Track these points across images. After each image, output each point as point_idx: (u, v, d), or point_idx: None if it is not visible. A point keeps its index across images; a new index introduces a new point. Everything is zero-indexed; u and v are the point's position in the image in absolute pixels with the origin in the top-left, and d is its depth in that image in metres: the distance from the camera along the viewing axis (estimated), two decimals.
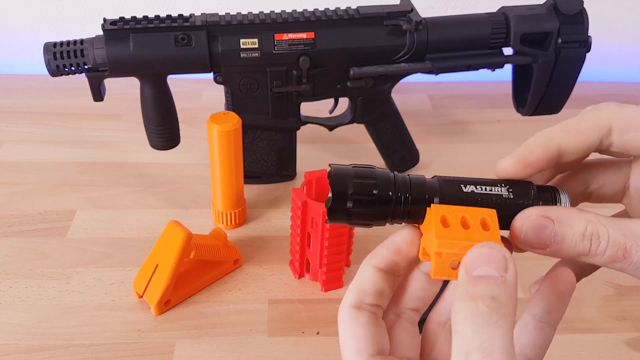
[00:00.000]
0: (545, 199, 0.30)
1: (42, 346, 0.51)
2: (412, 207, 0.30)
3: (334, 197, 0.29)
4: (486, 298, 0.24)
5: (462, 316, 0.25)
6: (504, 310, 0.24)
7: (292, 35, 0.60)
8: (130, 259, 0.59)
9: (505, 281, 0.25)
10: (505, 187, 0.30)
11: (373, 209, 0.30)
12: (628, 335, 0.54)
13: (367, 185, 0.29)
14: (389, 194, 0.29)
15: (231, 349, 0.51)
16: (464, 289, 0.25)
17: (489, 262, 0.25)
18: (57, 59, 0.58)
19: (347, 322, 0.30)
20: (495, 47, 0.64)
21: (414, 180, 0.30)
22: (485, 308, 0.24)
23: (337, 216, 0.30)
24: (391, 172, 0.30)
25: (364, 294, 0.30)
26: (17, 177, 0.70)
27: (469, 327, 0.24)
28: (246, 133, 0.65)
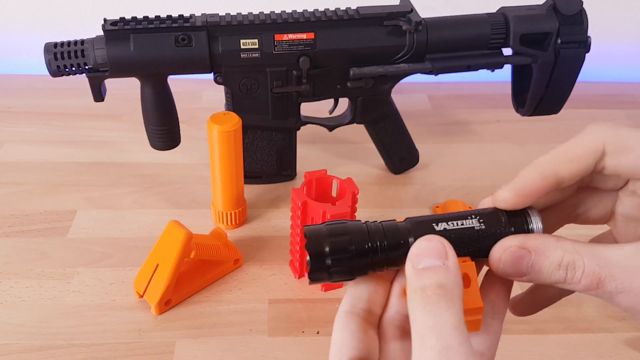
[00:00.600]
0: (516, 223, 0.30)
1: (42, 346, 0.51)
2: (390, 254, 0.30)
3: (312, 259, 0.30)
4: (433, 286, 0.27)
5: (415, 305, 0.27)
6: (450, 294, 0.27)
7: (292, 36, 0.60)
8: (130, 258, 0.59)
9: (447, 268, 0.27)
10: (475, 218, 0.30)
11: (352, 263, 0.30)
12: (627, 335, 0.54)
13: (343, 242, 0.30)
14: (365, 247, 0.30)
15: (231, 348, 0.51)
16: (413, 282, 0.27)
17: (431, 253, 0.28)
18: (57, 60, 0.58)
19: (338, 327, 0.31)
20: (494, 48, 0.64)
21: (387, 228, 0.31)
22: (434, 295, 0.26)
23: (318, 276, 0.30)
24: (364, 223, 0.31)
25: (358, 299, 0.31)
26: (18, 177, 0.71)
27: (422, 313, 0.26)
28: (246, 133, 0.65)
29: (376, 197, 0.70)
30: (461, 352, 0.25)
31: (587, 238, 0.33)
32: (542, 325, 0.54)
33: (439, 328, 0.26)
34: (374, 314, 0.32)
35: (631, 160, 0.29)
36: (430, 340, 0.26)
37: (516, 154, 0.78)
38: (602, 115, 0.88)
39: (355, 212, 0.55)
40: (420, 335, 0.26)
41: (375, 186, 0.72)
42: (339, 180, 0.56)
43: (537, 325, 0.54)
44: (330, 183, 0.57)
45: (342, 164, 0.75)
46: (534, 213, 0.31)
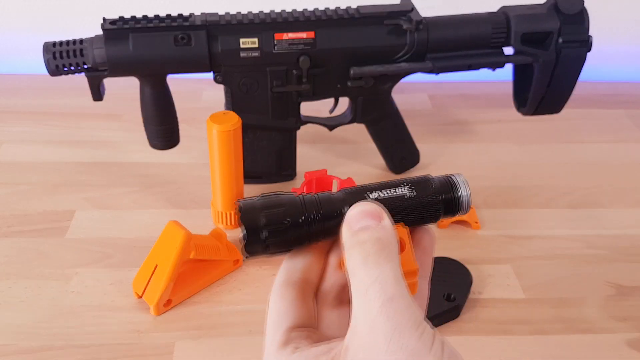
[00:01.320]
0: (445, 190, 0.32)
1: (41, 347, 0.50)
2: (326, 224, 0.31)
3: (248, 232, 0.30)
4: (371, 241, 0.28)
5: (355, 260, 0.27)
6: (388, 248, 0.28)
7: (292, 35, 0.60)
8: (129, 259, 0.59)
9: (384, 227, 0.28)
10: (407, 186, 0.32)
11: (288, 234, 0.30)
12: (629, 336, 0.54)
13: (277, 214, 0.30)
14: (300, 218, 0.30)
15: (231, 349, 0.51)
16: (351, 240, 0.28)
17: (366, 216, 0.29)
18: (56, 59, 0.58)
19: (274, 298, 0.32)
20: (495, 47, 0.64)
21: (321, 198, 0.31)
22: (373, 248, 0.27)
23: (254, 249, 0.30)
24: (298, 195, 0.31)
25: (294, 270, 0.32)
26: (17, 177, 0.70)
27: (363, 268, 0.27)
28: (246, 133, 0.65)
29: None
30: (403, 302, 0.26)
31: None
32: (543, 326, 0.54)
33: (381, 280, 0.26)
34: (311, 284, 0.32)
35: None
36: (373, 293, 0.26)
37: (517, 154, 0.78)
38: (604, 115, 0.88)
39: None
40: (362, 289, 0.27)
41: None
42: (339, 180, 0.56)
43: (538, 326, 0.54)
44: (330, 183, 0.56)
45: (342, 164, 0.75)
46: (461, 182, 0.33)
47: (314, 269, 0.32)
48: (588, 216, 0.68)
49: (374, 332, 0.26)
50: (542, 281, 0.59)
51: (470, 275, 0.57)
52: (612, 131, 0.84)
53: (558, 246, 0.63)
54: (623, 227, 0.66)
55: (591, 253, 0.62)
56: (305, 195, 0.31)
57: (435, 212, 0.32)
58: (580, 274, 0.60)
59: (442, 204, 0.32)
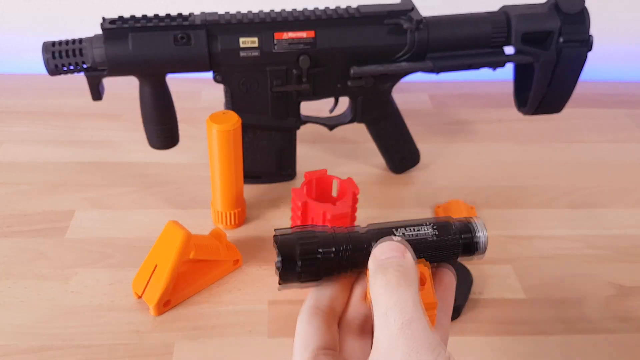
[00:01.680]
0: (465, 232, 0.35)
1: (41, 347, 0.50)
2: (354, 257, 0.34)
3: (284, 262, 0.33)
4: (393, 268, 0.30)
5: (378, 286, 0.30)
6: (409, 276, 0.30)
7: (292, 34, 0.60)
8: (129, 259, 0.59)
9: (406, 258, 0.32)
10: (430, 225, 0.35)
11: (320, 265, 0.34)
12: (630, 336, 0.54)
13: (311, 246, 0.33)
14: (332, 250, 0.34)
15: (231, 349, 0.51)
16: (376, 268, 0.31)
17: (391, 250, 0.32)
18: (55, 58, 0.58)
19: (302, 322, 0.34)
20: (496, 46, 0.64)
21: (351, 234, 0.34)
22: (395, 274, 0.30)
23: (289, 278, 0.34)
24: (331, 229, 0.35)
25: (322, 298, 0.35)
26: (16, 177, 0.70)
27: (384, 292, 0.30)
28: (246, 133, 0.65)
29: (377, 197, 0.70)
30: (420, 325, 0.29)
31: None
32: (543, 326, 0.54)
33: (400, 304, 0.29)
34: (336, 312, 0.35)
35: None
36: (393, 316, 0.29)
37: (518, 154, 0.78)
38: (604, 115, 0.87)
39: (356, 212, 0.55)
40: (383, 312, 0.29)
41: (375, 186, 0.71)
42: (339, 180, 0.56)
43: (538, 326, 0.54)
44: (330, 183, 0.56)
45: (342, 164, 0.75)
46: (479, 225, 0.35)
47: (339, 299, 0.35)
48: (588, 216, 0.68)
49: (393, 353, 0.28)
50: (542, 281, 0.59)
51: (470, 275, 0.57)
52: (612, 131, 0.84)
53: (558, 246, 0.63)
54: (623, 227, 0.66)
55: (592, 253, 0.62)
56: (336, 230, 0.35)
57: (454, 252, 0.35)
58: (581, 274, 0.60)
59: (462, 245, 0.35)
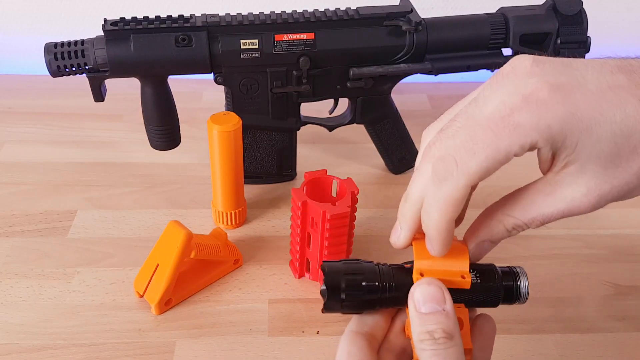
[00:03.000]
0: (507, 278, 0.35)
1: (42, 346, 0.51)
2: (397, 294, 0.34)
3: (329, 292, 0.34)
4: (439, 332, 0.31)
5: (426, 350, 0.31)
6: (455, 339, 0.31)
7: (292, 36, 0.60)
8: (131, 258, 0.60)
9: (447, 314, 0.32)
10: (473, 272, 0.35)
11: (363, 299, 0.35)
12: (627, 335, 0.54)
13: (357, 280, 0.34)
14: (375, 286, 0.34)
15: (231, 348, 0.51)
16: (419, 326, 0.32)
17: (432, 298, 0.32)
18: (57, 60, 0.58)
19: (346, 343, 0.35)
20: (494, 48, 0.64)
21: (395, 271, 0.35)
22: (442, 341, 0.31)
23: (332, 307, 0.35)
24: (376, 265, 0.35)
25: (363, 324, 0.36)
26: (18, 177, 0.71)
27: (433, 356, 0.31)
28: (246, 133, 0.65)
29: (376, 197, 0.70)
30: None
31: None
32: (541, 325, 0.54)
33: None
34: (376, 340, 0.36)
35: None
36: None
37: None
38: None
39: (355, 212, 0.55)
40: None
41: (375, 186, 0.72)
42: (339, 180, 0.56)
43: (536, 325, 0.54)
44: (330, 183, 0.57)
45: (342, 164, 0.75)
46: (522, 273, 0.36)
47: (380, 328, 0.36)
48: (586, 216, 0.67)
49: None
50: (540, 281, 0.59)
51: None
52: None
53: (556, 246, 0.63)
54: (621, 227, 0.67)
55: (589, 253, 0.63)
56: (381, 265, 0.36)
57: (495, 297, 0.35)
58: (579, 273, 0.60)
59: (503, 291, 0.35)
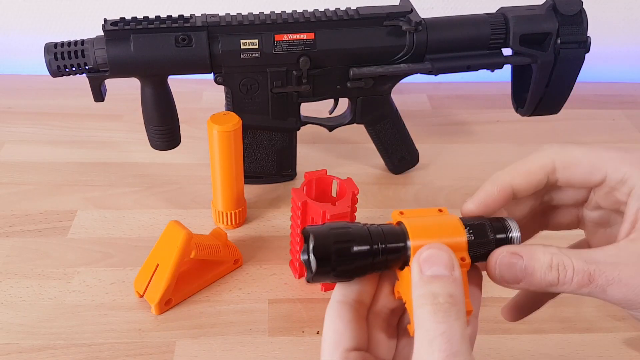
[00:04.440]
0: (499, 231, 0.34)
1: (43, 346, 0.51)
2: (390, 257, 0.32)
3: (318, 261, 0.31)
4: (444, 295, 0.29)
5: (424, 311, 0.29)
6: (459, 305, 0.29)
7: (292, 36, 0.60)
8: (131, 258, 0.60)
9: (455, 279, 0.29)
10: (465, 229, 0.33)
11: (354, 265, 0.32)
12: (627, 335, 0.54)
13: (347, 245, 0.32)
14: (367, 249, 0.32)
15: (231, 348, 0.51)
16: (423, 288, 0.29)
17: (439, 262, 0.30)
18: (58, 60, 0.58)
19: (331, 317, 0.33)
20: (494, 48, 0.64)
21: (386, 231, 0.32)
22: (445, 304, 0.28)
23: (321, 278, 0.32)
24: (364, 226, 0.33)
25: (349, 290, 0.33)
26: (18, 177, 0.71)
27: (432, 319, 0.28)
28: (246, 133, 0.65)
29: (376, 197, 0.70)
30: (466, 357, 0.28)
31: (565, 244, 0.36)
32: (541, 325, 0.54)
33: (449, 335, 0.28)
34: (364, 305, 0.34)
35: (579, 171, 0.34)
36: (439, 345, 0.28)
37: (516, 154, 0.78)
38: (602, 115, 0.88)
39: (355, 212, 0.55)
40: (427, 339, 0.28)
41: (375, 186, 0.72)
42: (339, 180, 0.56)
43: (536, 325, 0.54)
44: (330, 183, 0.57)
45: (342, 164, 0.75)
46: (512, 222, 0.34)
47: (367, 292, 0.34)
48: None
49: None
50: None
51: None
52: (610, 132, 0.84)
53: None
54: None
55: None
56: (369, 226, 0.33)
57: (487, 251, 0.33)
58: None
59: (495, 244, 0.33)
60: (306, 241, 0.33)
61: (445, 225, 0.33)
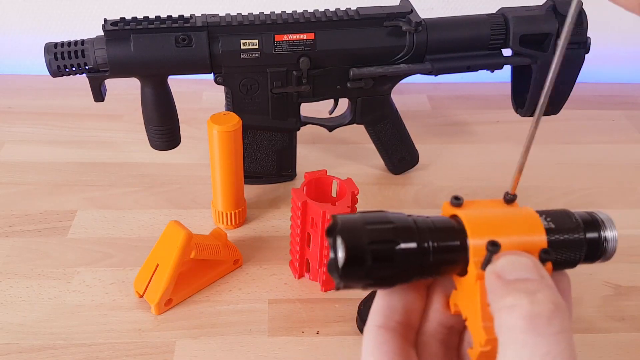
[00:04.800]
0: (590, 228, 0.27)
1: (42, 346, 0.51)
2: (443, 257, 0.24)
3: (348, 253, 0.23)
4: (546, 303, 0.21)
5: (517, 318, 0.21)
6: (564, 315, 0.21)
7: (292, 36, 0.60)
8: (130, 258, 0.60)
9: (548, 285, 0.22)
10: (543, 217, 0.26)
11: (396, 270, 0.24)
12: (627, 335, 0.54)
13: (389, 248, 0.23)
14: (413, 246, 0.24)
15: (231, 348, 0.51)
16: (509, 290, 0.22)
17: (524, 269, 0.23)
18: (58, 60, 0.58)
19: (370, 349, 0.26)
20: (494, 48, 0.64)
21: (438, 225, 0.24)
22: (546, 307, 0.21)
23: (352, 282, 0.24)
24: (409, 217, 0.25)
25: (392, 310, 0.26)
26: (18, 177, 0.71)
27: (530, 333, 0.20)
28: (246, 133, 0.65)
29: (376, 198, 0.70)
30: None
31: None
32: None
33: (555, 358, 0.20)
34: (412, 328, 0.26)
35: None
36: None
37: (516, 155, 0.78)
38: (602, 116, 0.88)
39: (355, 212, 0.55)
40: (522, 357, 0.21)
41: (375, 186, 0.72)
42: (338, 181, 0.56)
43: None
44: (330, 183, 0.57)
45: (342, 164, 0.75)
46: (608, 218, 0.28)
47: (415, 309, 0.26)
48: None
49: None
50: None
51: None
52: (610, 132, 0.85)
53: None
54: (621, 227, 0.66)
55: None
56: (417, 218, 0.25)
57: (576, 254, 0.26)
58: (578, 274, 0.60)
59: (586, 245, 0.26)
60: (331, 233, 0.24)
61: (516, 220, 0.25)
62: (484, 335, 0.23)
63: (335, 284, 0.24)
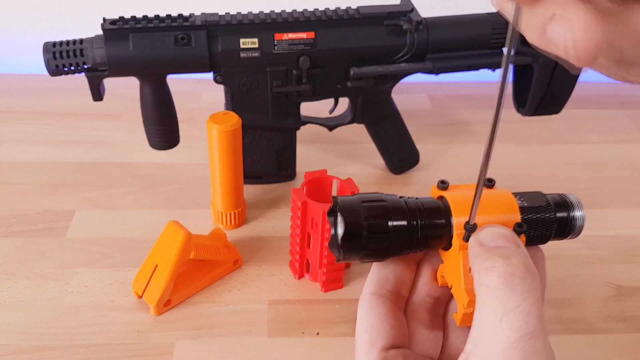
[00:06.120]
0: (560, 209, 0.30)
1: (41, 346, 0.50)
2: (432, 235, 0.28)
3: (347, 227, 0.26)
4: (519, 264, 0.24)
5: (494, 276, 0.24)
6: (534, 276, 0.24)
7: (292, 35, 0.60)
8: (129, 259, 0.59)
9: (523, 252, 0.25)
10: (517, 197, 0.29)
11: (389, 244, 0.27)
12: (629, 336, 0.54)
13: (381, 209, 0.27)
14: (405, 222, 0.27)
15: (231, 349, 0.51)
16: (486, 261, 0.25)
17: (502, 238, 0.26)
18: (56, 59, 0.58)
19: (365, 311, 0.29)
20: (495, 47, 0.64)
21: (426, 204, 0.28)
22: (519, 269, 0.24)
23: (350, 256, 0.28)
24: (400, 198, 0.29)
25: (385, 280, 0.29)
26: (16, 177, 0.70)
27: (504, 288, 0.24)
28: (246, 133, 0.65)
29: None
30: (541, 342, 0.23)
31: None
32: None
33: (524, 309, 0.23)
34: (402, 297, 0.30)
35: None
36: (510, 322, 0.23)
37: (517, 154, 0.78)
38: (603, 116, 0.88)
39: None
40: (497, 313, 0.23)
41: (375, 186, 0.71)
42: (339, 180, 0.56)
43: None
44: (330, 183, 0.56)
45: (342, 164, 0.75)
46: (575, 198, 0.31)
47: (405, 280, 0.30)
48: (587, 217, 0.67)
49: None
50: None
51: None
52: (611, 132, 0.84)
53: (557, 247, 0.63)
54: (623, 227, 0.66)
55: (591, 254, 0.63)
56: (408, 199, 0.29)
57: (547, 230, 0.29)
58: (580, 274, 0.60)
59: (556, 223, 0.29)
60: (333, 213, 0.28)
61: (495, 201, 0.28)
62: (466, 297, 0.26)
63: (335, 258, 0.28)
